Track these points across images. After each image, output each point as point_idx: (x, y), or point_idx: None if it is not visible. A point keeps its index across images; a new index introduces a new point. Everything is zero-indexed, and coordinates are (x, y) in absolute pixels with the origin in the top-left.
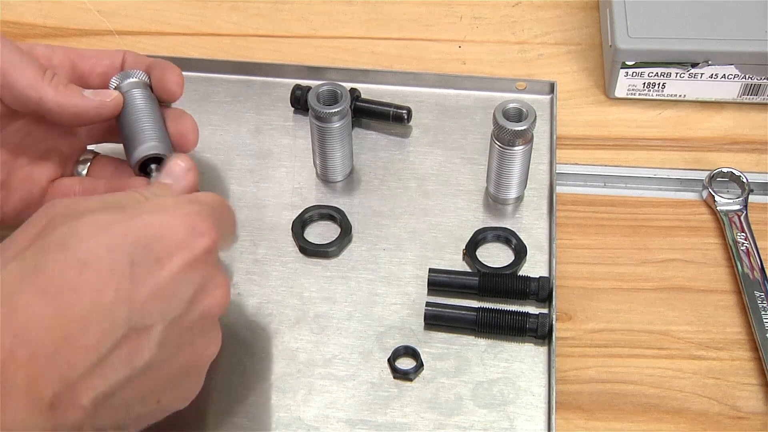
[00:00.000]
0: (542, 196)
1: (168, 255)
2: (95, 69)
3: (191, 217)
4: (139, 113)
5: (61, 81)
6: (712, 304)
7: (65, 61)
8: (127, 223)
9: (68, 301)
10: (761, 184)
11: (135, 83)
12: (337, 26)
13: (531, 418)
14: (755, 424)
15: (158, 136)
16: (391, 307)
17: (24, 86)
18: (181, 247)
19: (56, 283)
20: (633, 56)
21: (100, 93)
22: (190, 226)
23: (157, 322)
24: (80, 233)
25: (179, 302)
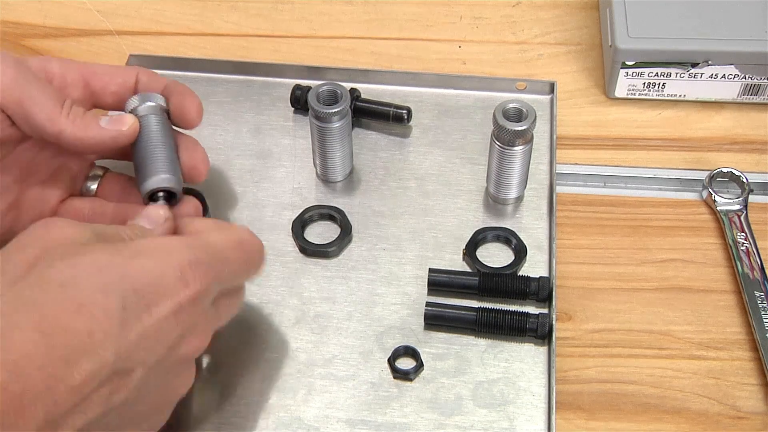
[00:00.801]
0: (542, 196)
1: (156, 302)
2: (108, 87)
3: (183, 266)
4: (153, 141)
5: (78, 113)
6: (712, 304)
7: (79, 80)
8: (124, 267)
9: (61, 341)
10: (761, 184)
11: (153, 108)
12: (337, 26)
13: (531, 418)
14: (755, 424)
15: (170, 168)
16: (391, 307)
17: (42, 120)
18: (169, 295)
19: (51, 323)
20: (633, 56)
21: (116, 121)
22: (181, 274)
23: (139, 366)
24: (78, 273)
25: (161, 348)
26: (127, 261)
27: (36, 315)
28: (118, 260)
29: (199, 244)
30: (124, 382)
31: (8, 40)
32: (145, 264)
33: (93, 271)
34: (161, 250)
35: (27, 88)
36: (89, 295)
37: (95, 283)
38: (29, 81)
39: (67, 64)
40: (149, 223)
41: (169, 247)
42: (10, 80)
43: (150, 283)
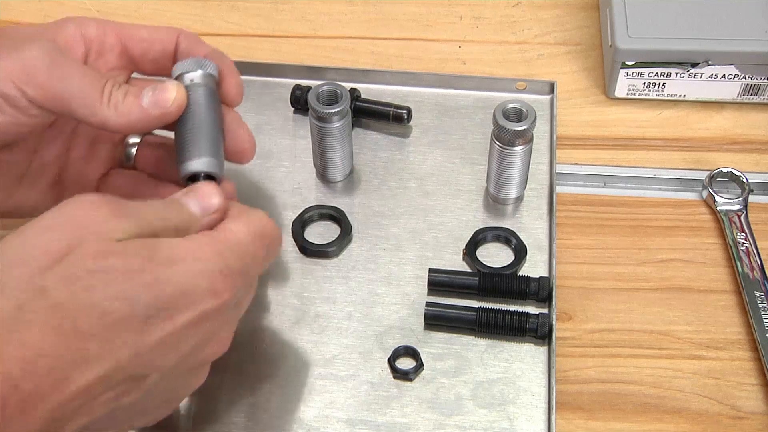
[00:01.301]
0: (542, 196)
1: (180, 311)
2: (147, 54)
3: (214, 275)
4: (200, 117)
5: (119, 97)
6: (712, 304)
7: (116, 44)
8: (153, 276)
9: (78, 345)
10: (761, 184)
11: (204, 78)
12: (337, 26)
13: (531, 418)
14: (755, 424)
15: (214, 150)
16: (391, 307)
17: (84, 114)
18: (195, 304)
19: (70, 324)
20: (633, 56)
21: (160, 99)
22: (210, 285)
23: (154, 372)
24: (106, 277)
25: (179, 355)
26: (159, 270)
27: (57, 315)
28: (150, 268)
29: (227, 247)
30: (136, 386)
31: None
32: (176, 274)
33: (122, 278)
34: (194, 258)
35: (64, 82)
36: (113, 303)
37: (123, 290)
38: (66, 72)
39: (104, 26)
40: (201, 210)
41: (202, 256)
42: (45, 75)
43: (179, 294)
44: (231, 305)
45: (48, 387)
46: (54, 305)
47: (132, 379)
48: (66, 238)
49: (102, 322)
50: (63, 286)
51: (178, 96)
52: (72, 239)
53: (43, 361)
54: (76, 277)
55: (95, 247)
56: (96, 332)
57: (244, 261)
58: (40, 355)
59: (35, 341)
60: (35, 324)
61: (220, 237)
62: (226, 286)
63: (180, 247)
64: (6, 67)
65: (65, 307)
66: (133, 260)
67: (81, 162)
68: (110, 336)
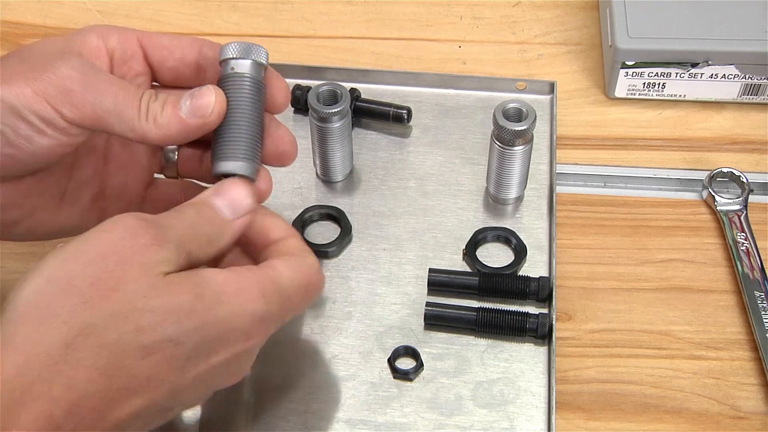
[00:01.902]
0: (542, 196)
1: (218, 352)
2: (165, 62)
3: (254, 321)
4: (241, 112)
5: (156, 110)
6: (712, 304)
7: (138, 50)
8: (203, 317)
9: (121, 384)
10: (761, 184)
11: (251, 67)
12: (337, 26)
13: (531, 418)
14: (755, 424)
15: (252, 152)
16: (391, 307)
17: (123, 130)
18: (231, 345)
19: (118, 365)
20: (633, 56)
21: (200, 108)
22: (249, 329)
23: (180, 406)
24: (155, 319)
25: (206, 390)
26: (206, 311)
27: (104, 355)
28: (200, 308)
29: (272, 291)
30: (162, 416)
31: (8, 40)
32: (220, 316)
33: (172, 320)
34: (239, 298)
35: (99, 98)
36: (161, 344)
37: (171, 332)
38: (100, 88)
39: (125, 33)
40: (232, 212)
41: (246, 297)
42: (79, 94)
43: (219, 335)
44: (259, 348)
45: (87, 424)
46: (102, 345)
47: (161, 410)
48: (113, 270)
49: (147, 363)
50: (112, 325)
51: (218, 102)
52: (120, 273)
53: (87, 402)
54: (125, 316)
55: (144, 283)
56: (140, 372)
57: (283, 309)
58: (85, 396)
59: (82, 383)
60: (83, 364)
61: (267, 278)
62: (261, 331)
63: (226, 284)
64: (39, 88)
65: (113, 348)
66: (183, 300)
67: (120, 174)
68: (153, 375)
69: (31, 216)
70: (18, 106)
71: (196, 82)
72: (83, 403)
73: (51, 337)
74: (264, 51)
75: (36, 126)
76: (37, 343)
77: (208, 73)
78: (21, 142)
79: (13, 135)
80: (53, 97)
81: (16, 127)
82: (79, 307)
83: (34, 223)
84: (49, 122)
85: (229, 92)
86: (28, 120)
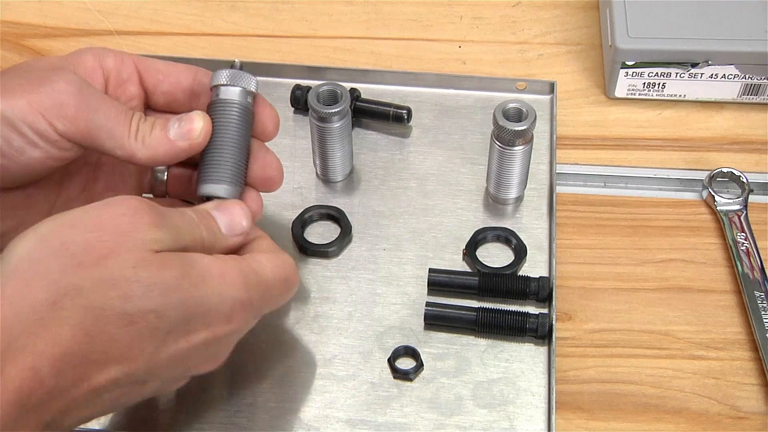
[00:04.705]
0: (542, 196)
1: (197, 331)
2: (159, 86)
3: (234, 305)
4: (228, 138)
5: (146, 131)
6: (712, 304)
7: (133, 74)
8: (187, 294)
9: (103, 347)
10: (761, 184)
11: (239, 95)
12: (337, 26)
13: (531, 418)
14: (755, 424)
15: (235, 177)
16: (391, 307)
17: (112, 147)
18: (210, 327)
19: (101, 327)
20: (633, 56)
21: (187, 131)
22: (229, 311)
23: (157, 380)
24: (142, 289)
25: (182, 369)
26: (190, 288)
27: (90, 317)
28: (185, 285)
29: (255, 281)
30: (138, 390)
31: (8, 40)
32: (203, 295)
33: (158, 292)
34: (223, 282)
35: (92, 115)
36: (144, 313)
37: (155, 303)
38: (93, 105)
39: (122, 57)
40: (229, 230)
41: (230, 281)
42: (74, 108)
43: (200, 314)
44: (238, 335)
45: (68, 384)
46: (87, 307)
47: (137, 383)
48: (108, 240)
49: (129, 330)
50: (99, 290)
51: (205, 126)
52: (113, 244)
53: (70, 359)
54: (113, 283)
55: (135, 255)
56: (122, 338)
57: (263, 298)
58: (68, 353)
59: (66, 340)
60: (68, 323)
61: (250, 268)
62: (242, 318)
63: (212, 266)
64: (34, 101)
65: (99, 311)
66: (170, 275)
67: (109, 193)
68: (133, 343)
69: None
70: (12, 118)
71: (188, 107)
72: (66, 360)
73: (39, 294)
74: (253, 80)
75: (29, 138)
76: (26, 299)
77: (202, 99)
78: (13, 154)
79: (5, 146)
80: (47, 110)
81: (9, 138)
82: (69, 269)
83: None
84: (42, 134)
85: (217, 117)
86: (21, 131)
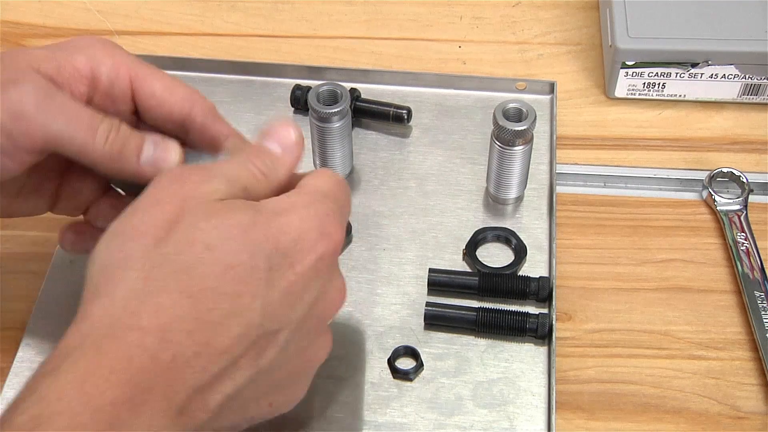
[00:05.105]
0: (542, 196)
1: (299, 259)
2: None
3: (322, 218)
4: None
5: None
6: (712, 304)
7: (126, 92)
8: (267, 227)
9: (209, 304)
10: (761, 184)
11: None
12: (337, 26)
13: (531, 418)
14: (755, 424)
15: None
16: (391, 307)
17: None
18: (311, 250)
19: (199, 285)
20: (633, 56)
21: (160, 161)
22: (321, 227)
23: (284, 326)
24: (223, 234)
25: (304, 305)
26: (270, 219)
27: (184, 278)
28: (262, 219)
29: (323, 194)
30: (271, 344)
31: (8, 40)
32: (287, 222)
33: (238, 232)
34: (298, 206)
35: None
36: (236, 257)
37: (241, 244)
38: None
39: (118, 67)
40: (282, 147)
41: (305, 203)
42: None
43: (294, 239)
44: (338, 250)
45: (189, 352)
46: (179, 270)
47: (266, 335)
48: (172, 208)
49: (229, 278)
50: (184, 250)
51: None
52: (178, 208)
53: (180, 325)
54: (193, 239)
55: (204, 209)
56: (226, 289)
57: (339, 204)
58: (176, 320)
59: (168, 308)
60: (165, 290)
61: (311, 188)
62: (335, 226)
63: (281, 200)
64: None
65: (191, 269)
66: (243, 215)
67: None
68: (240, 290)
69: None
70: None
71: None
72: (175, 326)
73: (130, 276)
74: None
75: None
76: (118, 285)
77: (191, 135)
78: None
79: None
80: (4, 123)
81: None
82: (149, 245)
83: None
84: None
85: None
86: None
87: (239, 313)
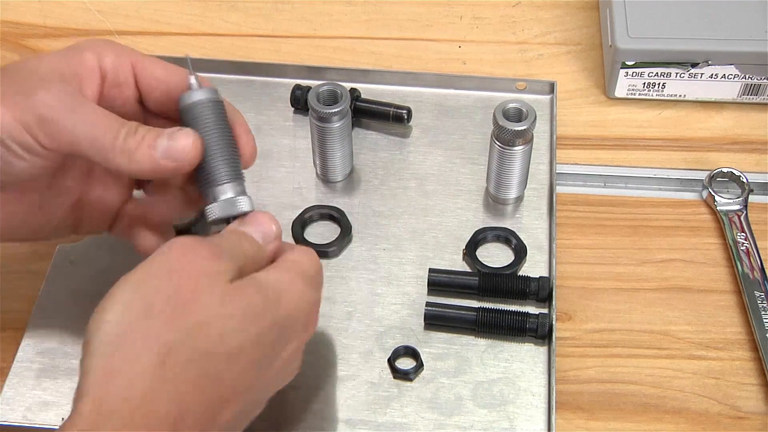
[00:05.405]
0: (542, 196)
1: (286, 346)
2: (153, 92)
3: (310, 307)
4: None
5: (132, 147)
6: (712, 304)
7: (130, 76)
8: (272, 315)
9: (219, 392)
10: (761, 184)
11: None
12: (337, 26)
13: (531, 418)
14: (755, 424)
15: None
16: (391, 307)
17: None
18: (297, 336)
19: (212, 374)
20: (633, 56)
21: (174, 152)
22: (308, 315)
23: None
24: (235, 322)
25: (276, 386)
26: (274, 308)
27: (197, 367)
28: (270, 307)
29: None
30: (259, 408)
31: (8, 40)
32: (286, 310)
33: (251, 321)
34: (294, 291)
35: (77, 128)
36: (244, 345)
37: (248, 334)
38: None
39: (120, 57)
40: (263, 238)
41: (299, 288)
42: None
43: (288, 328)
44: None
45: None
46: (190, 359)
47: (249, 414)
48: (185, 285)
49: (238, 366)
50: (199, 337)
51: (194, 148)
52: (192, 287)
53: (190, 416)
54: (207, 325)
55: (216, 291)
56: (233, 376)
57: (318, 290)
58: (187, 411)
59: (182, 398)
60: (179, 380)
61: (300, 268)
62: (316, 315)
63: (280, 280)
64: (19, 116)
65: (204, 358)
66: (255, 302)
67: (101, 187)
68: (246, 376)
69: (7, 222)
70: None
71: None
72: (187, 417)
73: (145, 359)
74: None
75: (15, 152)
76: (135, 365)
77: None
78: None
79: None
80: (32, 126)
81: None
82: (164, 327)
83: (9, 229)
84: (28, 148)
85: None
86: (7, 145)
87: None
